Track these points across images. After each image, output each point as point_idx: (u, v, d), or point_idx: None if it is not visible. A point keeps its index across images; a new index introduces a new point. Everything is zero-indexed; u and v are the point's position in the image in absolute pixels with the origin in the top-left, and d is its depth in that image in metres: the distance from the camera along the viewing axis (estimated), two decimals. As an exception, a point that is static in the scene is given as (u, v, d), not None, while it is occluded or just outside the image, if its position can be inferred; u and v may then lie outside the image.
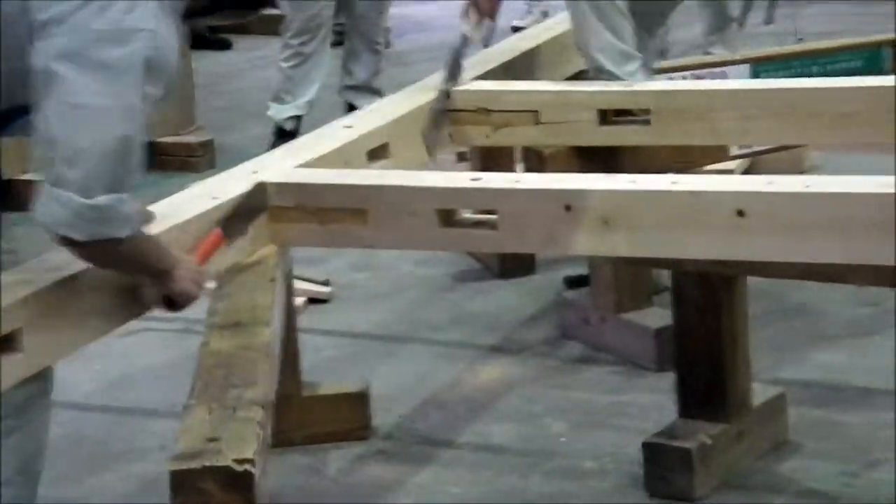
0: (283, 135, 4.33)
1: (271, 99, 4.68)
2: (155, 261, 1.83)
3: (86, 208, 1.67)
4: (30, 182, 2.08)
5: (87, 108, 1.66)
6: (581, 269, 3.22)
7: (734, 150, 3.05)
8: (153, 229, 1.91)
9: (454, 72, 2.86)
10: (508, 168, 3.28)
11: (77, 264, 1.79)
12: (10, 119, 1.78)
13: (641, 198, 2.07)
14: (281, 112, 4.61)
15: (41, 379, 1.79)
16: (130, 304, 1.87)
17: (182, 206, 2.08)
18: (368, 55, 4.74)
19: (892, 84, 2.58)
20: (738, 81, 2.97)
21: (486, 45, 3.06)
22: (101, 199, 1.68)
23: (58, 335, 1.76)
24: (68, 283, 1.79)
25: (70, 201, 1.67)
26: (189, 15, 1.82)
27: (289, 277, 2.43)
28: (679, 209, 2.04)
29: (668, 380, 2.56)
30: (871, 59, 3.14)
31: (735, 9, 4.81)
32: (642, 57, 2.84)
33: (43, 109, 1.69)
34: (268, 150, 2.93)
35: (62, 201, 1.68)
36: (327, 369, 2.92)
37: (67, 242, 1.71)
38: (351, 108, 4.40)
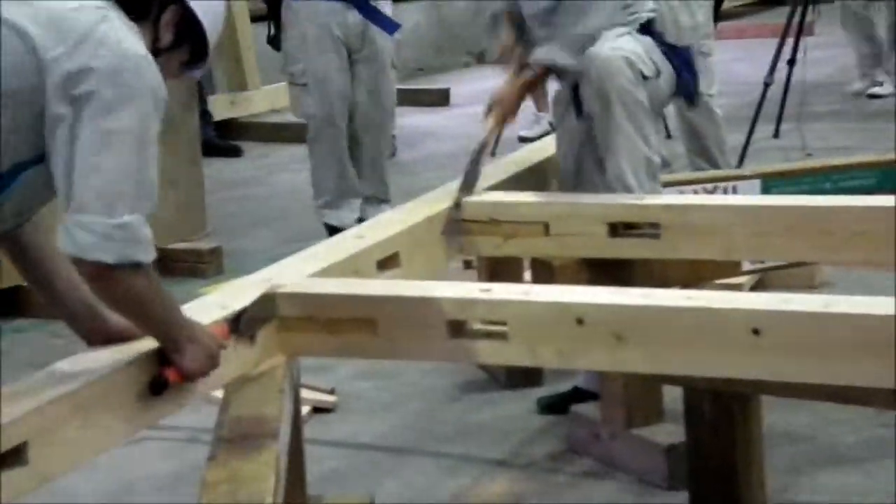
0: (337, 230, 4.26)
1: (322, 206, 4.62)
2: (172, 315, 1.84)
3: (112, 228, 1.72)
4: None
5: (109, 134, 1.72)
6: (563, 388, 3.19)
7: (746, 265, 3.04)
8: None
9: (471, 178, 2.88)
10: (517, 278, 3.27)
11: (83, 376, 1.77)
12: (9, 180, 1.78)
13: (655, 313, 2.06)
14: (341, 218, 4.57)
15: None
16: (136, 416, 1.84)
17: (195, 315, 2.06)
18: (376, 165, 4.75)
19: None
20: (750, 197, 2.99)
21: (492, 154, 3.08)
22: (126, 218, 1.72)
23: (63, 448, 1.73)
24: (74, 396, 1.76)
25: (96, 224, 1.71)
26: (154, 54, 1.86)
27: (296, 388, 2.40)
28: (693, 326, 2.02)
29: (681, 498, 2.51)
30: (885, 176, 3.15)
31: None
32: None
33: (60, 146, 1.72)
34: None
35: (88, 226, 1.71)
36: (331, 481, 2.87)
37: (95, 270, 1.72)
38: (360, 220, 4.37)
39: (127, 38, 1.78)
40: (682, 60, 2.91)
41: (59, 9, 1.76)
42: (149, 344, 1.91)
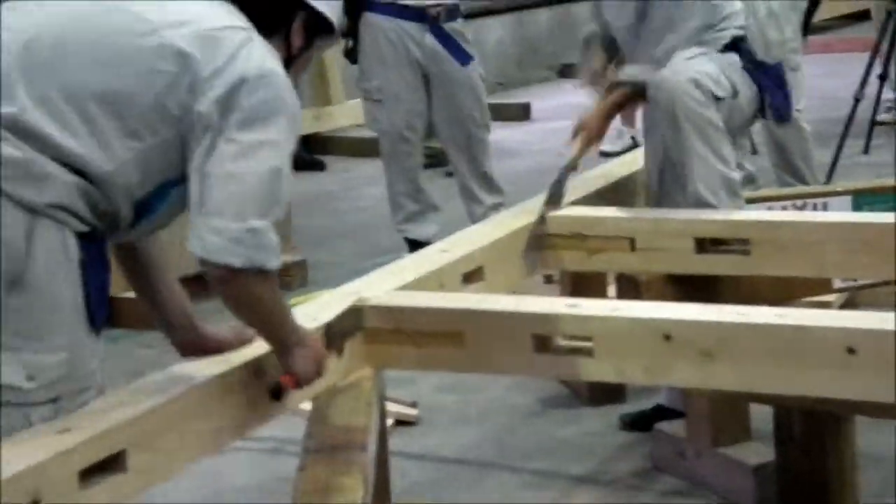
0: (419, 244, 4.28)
1: (401, 222, 4.64)
2: (288, 321, 1.88)
3: (241, 232, 1.76)
4: (133, 300, 2.11)
5: (250, 145, 1.78)
6: (646, 405, 3.16)
7: (837, 283, 2.98)
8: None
9: (557, 194, 2.88)
10: (600, 293, 3.25)
11: (180, 386, 1.81)
12: (156, 200, 1.85)
13: (746, 330, 2.03)
14: (420, 232, 4.58)
15: None
16: (229, 426, 1.87)
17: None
18: (484, 176, 4.74)
19: None
20: (842, 213, 2.93)
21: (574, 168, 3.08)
22: (255, 223, 1.76)
23: (161, 456, 1.77)
24: (171, 405, 1.80)
25: (225, 228, 1.75)
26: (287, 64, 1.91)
27: (381, 400, 2.41)
28: (785, 344, 1.99)
29: (769, 519, 2.46)
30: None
31: None
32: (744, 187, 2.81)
33: (200, 153, 1.78)
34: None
35: (218, 230, 1.76)
36: (414, 494, 2.88)
37: (222, 273, 1.76)
38: None
39: (269, 58, 1.85)
40: (771, 78, 2.87)
41: (209, 28, 1.83)
42: (242, 356, 1.94)
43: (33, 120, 1.74)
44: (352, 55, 4.72)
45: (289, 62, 1.92)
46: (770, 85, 2.86)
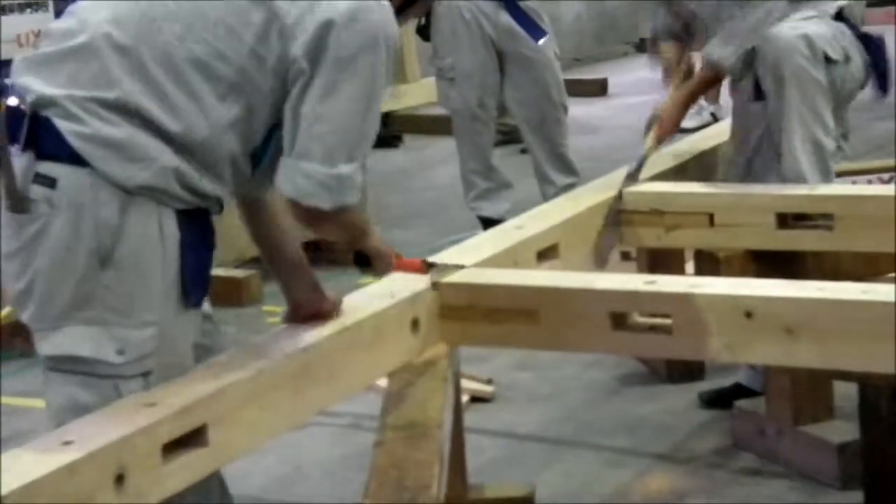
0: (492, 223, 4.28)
1: (474, 199, 4.64)
2: (370, 232, 2.02)
3: (330, 178, 1.80)
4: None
5: (338, 84, 1.80)
6: (725, 383, 3.11)
7: (925, 259, 2.90)
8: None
9: (634, 175, 2.85)
10: (678, 270, 3.21)
11: (259, 361, 1.82)
12: (265, 144, 1.88)
13: (830, 307, 1.98)
14: (493, 209, 4.58)
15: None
16: (308, 401, 1.89)
17: (368, 302, 2.12)
18: (559, 157, 4.71)
19: None
20: (929, 187, 2.84)
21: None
22: (343, 169, 1.81)
23: (241, 430, 1.79)
24: (251, 380, 1.81)
25: (315, 172, 1.80)
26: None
27: (456, 377, 2.41)
28: (871, 320, 1.94)
29: (854, 498, 2.42)
30: None
31: None
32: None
33: (294, 96, 1.81)
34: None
35: (308, 173, 1.80)
36: (490, 471, 2.88)
37: (309, 214, 1.82)
38: None
39: None
40: (874, 50, 2.80)
41: None
42: (324, 332, 1.97)
43: (132, 96, 1.76)
44: (424, 33, 4.71)
45: (401, 8, 1.93)
46: (876, 57, 2.79)
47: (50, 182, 1.73)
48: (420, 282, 2.23)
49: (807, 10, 2.80)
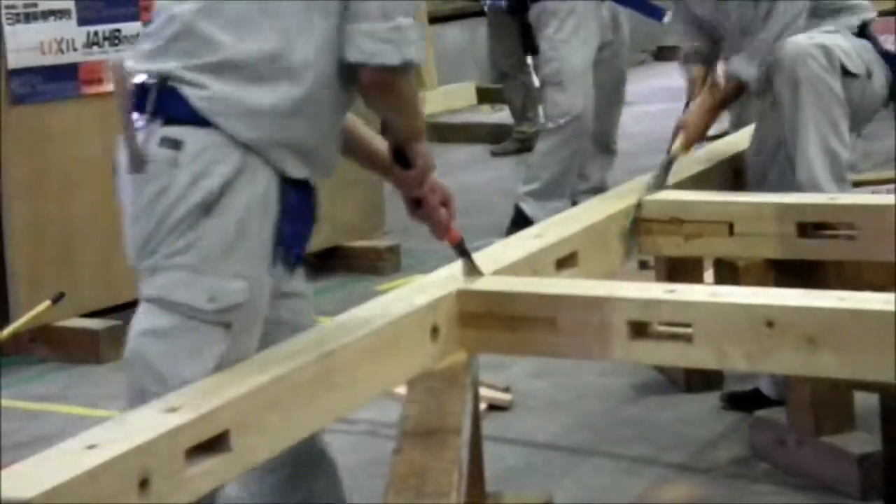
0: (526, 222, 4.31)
1: (528, 193, 4.65)
2: (421, 113, 2.06)
3: (390, 31, 1.86)
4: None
5: None
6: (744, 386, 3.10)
7: (946, 269, 2.88)
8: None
9: (658, 183, 2.84)
10: (697, 279, 3.20)
11: (280, 366, 1.83)
12: None
13: (852, 316, 1.97)
14: (536, 211, 4.59)
15: None
16: (328, 407, 1.90)
17: (388, 309, 2.12)
18: (604, 156, 4.73)
19: None
20: (952, 196, 2.82)
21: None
22: (402, 21, 1.87)
23: (264, 436, 1.79)
24: (274, 386, 1.82)
25: (376, 30, 1.85)
26: None
27: (475, 384, 2.41)
28: (892, 331, 1.92)
29: (874, 511, 2.40)
30: None
31: None
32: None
33: None
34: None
35: (370, 33, 1.86)
36: (509, 479, 2.87)
37: (379, 76, 1.87)
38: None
39: None
40: None
41: None
42: (341, 340, 1.96)
43: (231, 49, 1.84)
44: (528, 44, 4.73)
45: None
46: None
47: (175, 144, 1.84)
48: (440, 289, 2.22)
49: (828, 24, 2.80)
